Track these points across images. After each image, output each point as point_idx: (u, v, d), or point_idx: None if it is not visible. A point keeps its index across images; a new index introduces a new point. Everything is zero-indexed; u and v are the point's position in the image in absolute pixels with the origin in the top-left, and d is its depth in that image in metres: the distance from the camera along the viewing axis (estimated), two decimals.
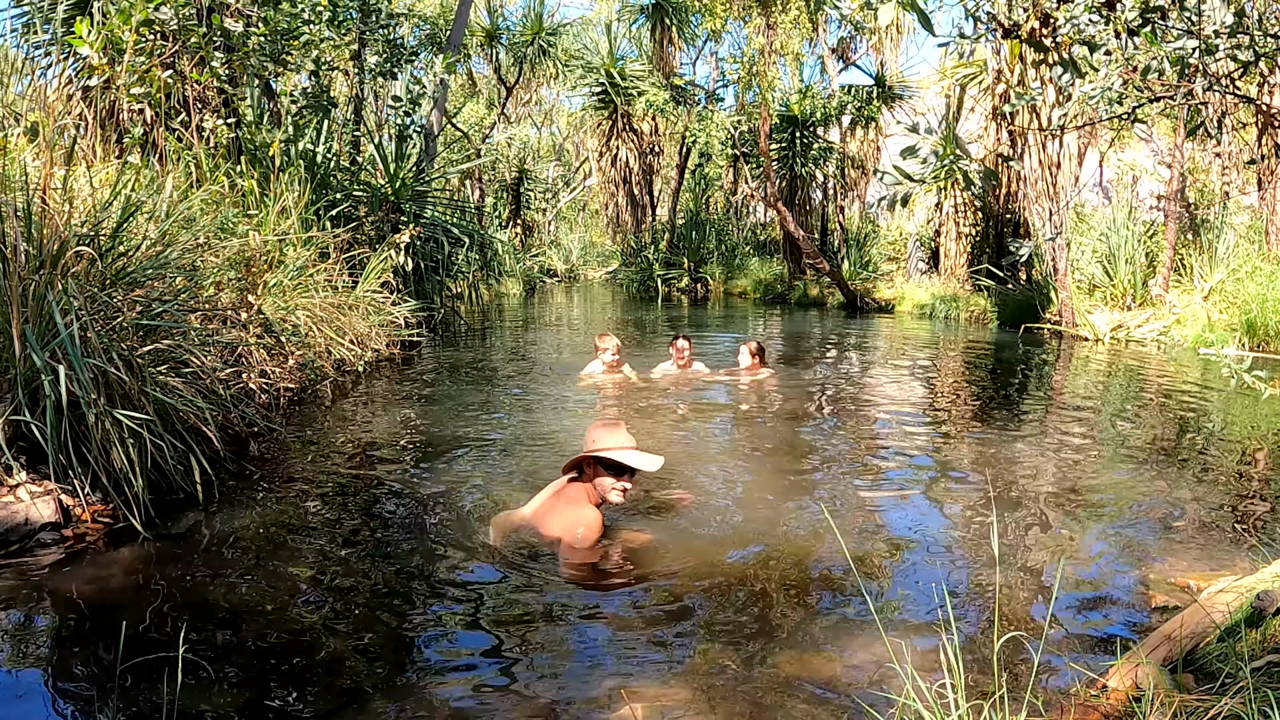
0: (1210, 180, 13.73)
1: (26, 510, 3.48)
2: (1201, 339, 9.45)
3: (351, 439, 5.42)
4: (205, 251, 5.65)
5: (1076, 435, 5.70)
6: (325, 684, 2.51)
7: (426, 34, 20.95)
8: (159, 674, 2.42)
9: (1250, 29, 4.55)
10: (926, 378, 8.51)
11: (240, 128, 8.04)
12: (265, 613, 2.93)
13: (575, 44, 23.88)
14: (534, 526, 3.56)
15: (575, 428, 5.55)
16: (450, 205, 12.27)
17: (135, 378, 3.83)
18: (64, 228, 4.02)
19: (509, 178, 25.58)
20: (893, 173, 15.48)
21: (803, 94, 18.41)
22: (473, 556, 3.49)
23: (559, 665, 2.61)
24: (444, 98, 12.13)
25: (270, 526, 3.75)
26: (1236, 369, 3.48)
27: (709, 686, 2.47)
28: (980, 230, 14.57)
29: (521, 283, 19.98)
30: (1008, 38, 10.03)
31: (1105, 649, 2.68)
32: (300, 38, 8.58)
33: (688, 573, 3.30)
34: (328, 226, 8.19)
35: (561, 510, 3.52)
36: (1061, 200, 10.96)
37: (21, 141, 5.27)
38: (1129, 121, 6.56)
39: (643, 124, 22.06)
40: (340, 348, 6.97)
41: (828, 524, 3.74)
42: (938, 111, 17.28)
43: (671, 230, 22.09)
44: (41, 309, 3.75)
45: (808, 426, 5.97)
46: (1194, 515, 3.99)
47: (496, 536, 3.57)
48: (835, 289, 16.13)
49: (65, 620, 2.92)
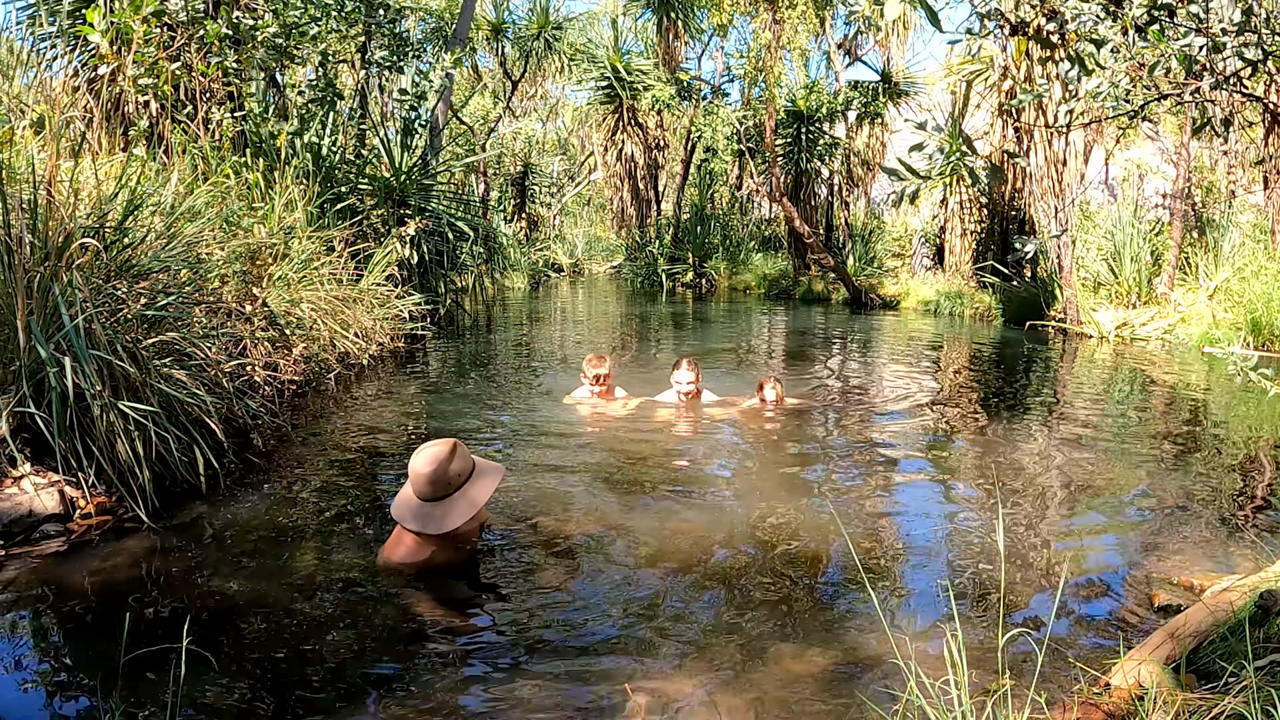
0: (1216, 178, 13.67)
1: (31, 502, 3.49)
2: (1206, 338, 9.42)
3: (355, 432, 5.42)
4: (210, 244, 5.66)
5: (1081, 433, 5.69)
6: (329, 675, 2.51)
7: (432, 28, 20.92)
8: (163, 665, 2.43)
9: (1258, 27, 4.52)
10: (931, 375, 8.50)
11: (246, 120, 8.04)
12: (269, 604, 2.93)
13: (581, 38, 23.83)
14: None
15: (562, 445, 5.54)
16: (455, 199, 12.27)
17: (140, 370, 3.84)
18: (69, 220, 4.02)
19: (514, 172, 25.56)
20: (899, 168, 15.44)
21: (809, 89, 18.36)
22: (476, 550, 3.49)
23: (563, 660, 2.61)
24: (449, 91, 12.12)
25: (274, 518, 3.76)
26: (1242, 367, 3.47)
27: (713, 682, 2.47)
28: (985, 227, 14.53)
29: (526, 277, 19.98)
30: (1014, 34, 9.99)
31: (1108, 647, 2.68)
32: (307, 33, 8.58)
33: (692, 568, 3.30)
34: (333, 219, 8.19)
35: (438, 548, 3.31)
36: (1067, 197, 10.93)
37: (28, 134, 5.28)
38: (1136, 119, 6.54)
39: (648, 118, 22.00)
40: (345, 341, 6.98)
41: (832, 520, 3.74)
42: (944, 108, 17.22)
43: (676, 225, 22.06)
44: (47, 301, 3.76)
45: (812, 423, 5.96)
46: (1198, 514, 3.98)
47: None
48: (840, 285, 16.10)
49: (69, 612, 2.93)
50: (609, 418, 5.86)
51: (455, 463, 3.25)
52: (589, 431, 5.57)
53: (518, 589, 3.14)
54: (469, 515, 3.23)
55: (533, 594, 3.09)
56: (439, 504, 3.22)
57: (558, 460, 4.84)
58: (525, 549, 3.49)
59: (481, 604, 3.06)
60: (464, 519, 3.22)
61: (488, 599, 3.10)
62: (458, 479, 3.25)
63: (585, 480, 4.46)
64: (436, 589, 3.14)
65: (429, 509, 3.21)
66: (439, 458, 3.22)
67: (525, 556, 3.42)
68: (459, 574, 3.30)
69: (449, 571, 3.28)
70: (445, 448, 3.26)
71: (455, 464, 3.24)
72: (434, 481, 3.20)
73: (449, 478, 3.22)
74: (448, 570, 3.28)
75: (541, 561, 3.36)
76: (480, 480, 3.32)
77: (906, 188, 15.41)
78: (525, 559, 3.40)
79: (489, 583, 3.25)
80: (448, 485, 3.22)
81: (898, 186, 15.63)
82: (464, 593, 3.15)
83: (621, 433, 5.52)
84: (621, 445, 5.19)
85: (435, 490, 3.21)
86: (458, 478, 3.25)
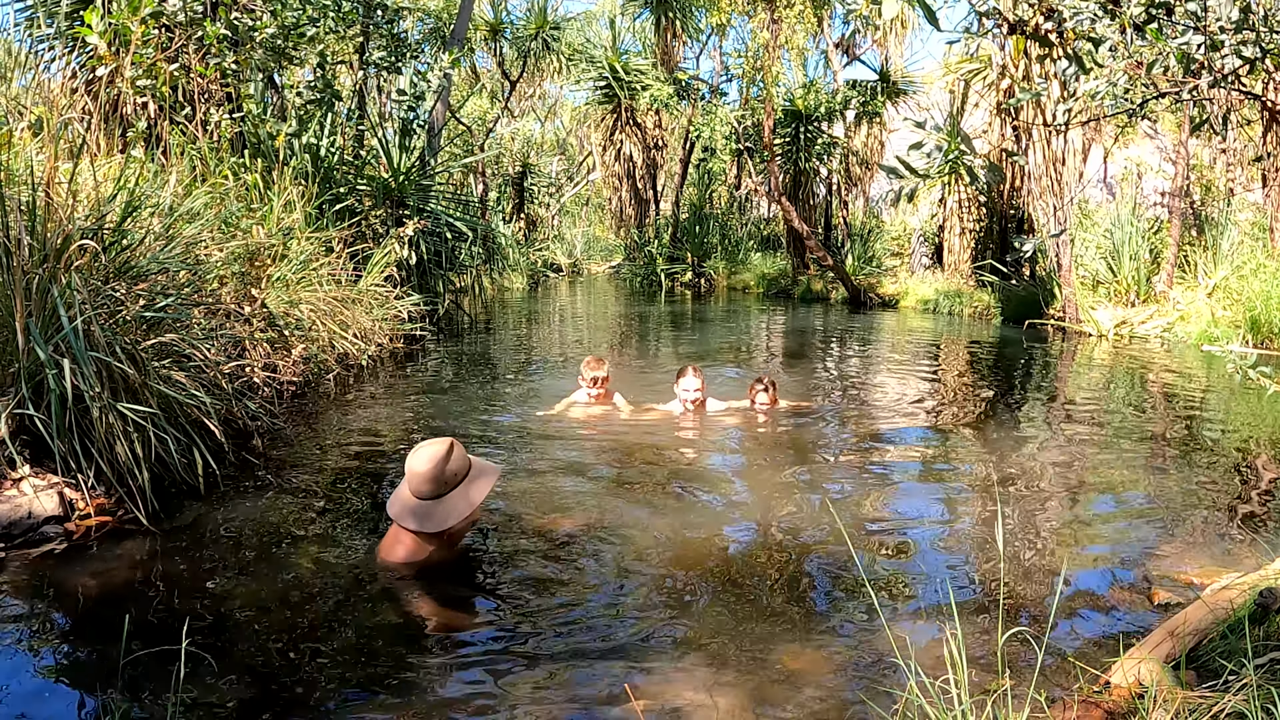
0: (1215, 177, 13.68)
1: (30, 504, 3.49)
2: (1205, 336, 9.43)
3: (355, 432, 5.42)
4: (209, 245, 5.66)
5: (1080, 431, 5.69)
6: (328, 676, 2.51)
7: (430, 28, 20.92)
8: (162, 667, 2.42)
9: (1256, 25, 4.53)
10: (930, 373, 8.50)
11: (245, 122, 8.04)
12: (269, 606, 2.93)
13: (579, 38, 23.83)
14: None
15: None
16: (454, 199, 12.26)
17: (139, 371, 3.84)
18: (68, 222, 4.02)
19: (513, 172, 25.55)
20: (897, 167, 15.45)
21: (807, 88, 18.36)
22: (474, 551, 3.50)
23: (563, 660, 2.61)
24: (447, 92, 12.12)
25: (273, 519, 3.76)
26: (1241, 365, 3.48)
27: (712, 682, 2.47)
28: (984, 226, 14.54)
29: (525, 277, 19.97)
30: (1013, 33, 9.99)
31: (1108, 645, 2.68)
32: (305, 34, 8.58)
33: (690, 568, 3.30)
34: (331, 220, 8.18)
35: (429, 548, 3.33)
36: (1066, 196, 10.93)
37: (26, 135, 5.27)
38: (1134, 117, 6.55)
39: (646, 118, 21.99)
40: (344, 341, 6.98)
41: (831, 519, 3.74)
42: (942, 107, 17.24)
43: (675, 225, 22.06)
44: (46, 303, 3.76)
45: (810, 421, 5.96)
46: (1197, 512, 3.98)
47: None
48: (839, 284, 16.10)
49: (68, 613, 2.92)
50: (607, 420, 5.86)
51: (452, 461, 3.26)
52: (588, 433, 5.57)
53: (518, 590, 3.14)
54: (467, 513, 3.25)
55: (533, 594, 3.09)
56: (437, 502, 3.23)
57: (557, 461, 4.84)
58: (525, 550, 3.49)
59: (481, 605, 3.06)
60: (461, 517, 3.24)
61: (488, 600, 3.10)
62: (455, 478, 3.27)
63: (584, 481, 4.46)
64: (436, 589, 3.14)
65: (427, 507, 3.22)
66: (436, 456, 3.24)
67: (525, 557, 3.42)
68: (459, 575, 3.30)
69: (449, 572, 3.28)
70: (443, 446, 3.28)
71: (453, 463, 3.26)
72: (432, 480, 3.21)
73: (446, 476, 3.23)
74: (447, 571, 3.28)
75: (541, 562, 3.37)
76: (477, 479, 3.34)
77: (905, 187, 15.43)
78: (525, 560, 3.40)
79: (489, 584, 3.25)
80: (445, 484, 3.23)
81: (896, 185, 15.66)
82: (464, 593, 3.15)
83: (621, 434, 5.52)
84: (620, 446, 5.19)
85: (433, 489, 3.22)
86: (455, 476, 3.26)
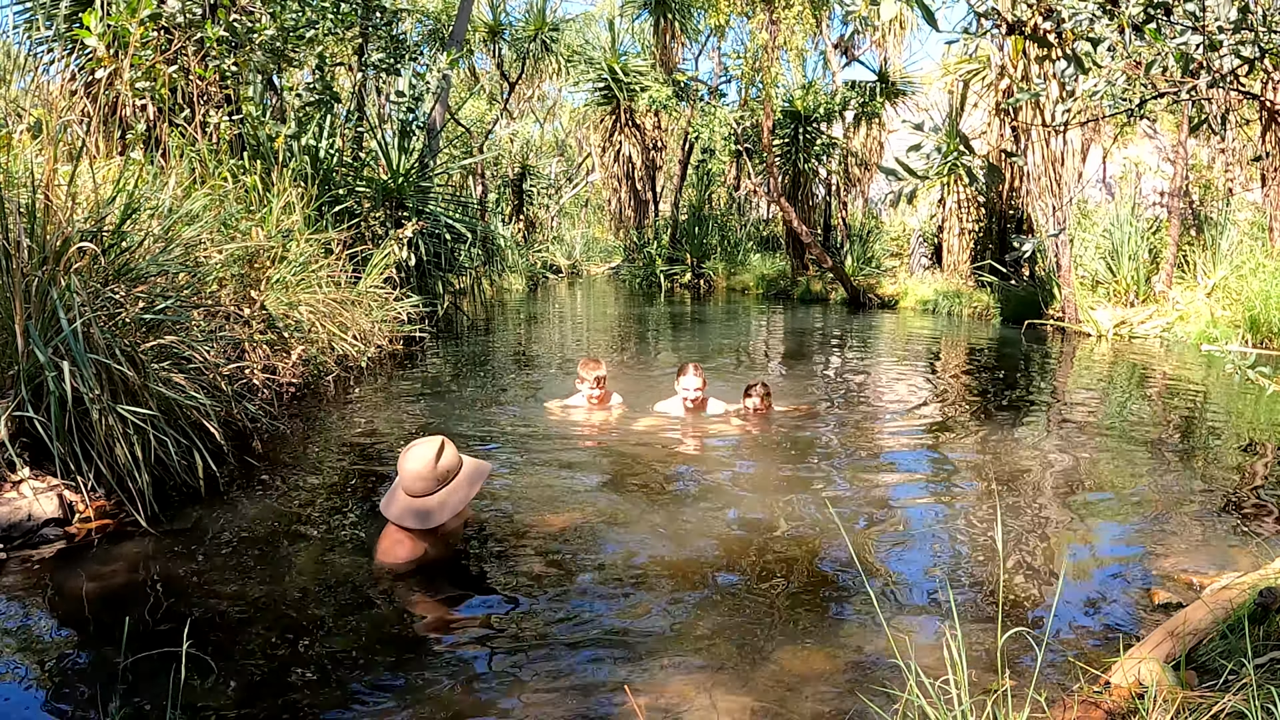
0: (1214, 176, 13.69)
1: (29, 506, 3.49)
2: (1204, 335, 9.43)
3: (354, 434, 5.42)
4: (208, 247, 5.66)
5: (1079, 432, 5.69)
6: (328, 678, 2.51)
7: (429, 30, 20.93)
8: (162, 669, 2.42)
9: (1254, 25, 4.53)
10: (929, 374, 8.50)
11: (244, 123, 8.04)
12: (268, 608, 2.93)
13: (578, 39, 23.84)
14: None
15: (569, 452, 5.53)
16: (453, 201, 12.26)
17: (138, 373, 3.84)
18: (67, 224, 4.02)
19: (512, 173, 25.54)
20: (896, 168, 15.45)
21: (806, 89, 18.35)
22: (474, 552, 3.50)
23: (562, 660, 2.61)
24: (446, 93, 12.12)
25: (273, 521, 3.76)
26: (1240, 365, 3.48)
27: (712, 682, 2.47)
28: (983, 226, 14.54)
29: (524, 278, 19.97)
30: (1011, 33, 10.00)
31: (1108, 645, 2.68)
32: (304, 35, 8.58)
33: (691, 569, 3.30)
34: (330, 222, 8.18)
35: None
36: (1065, 196, 10.93)
37: (25, 138, 5.27)
38: (1133, 117, 6.56)
39: (645, 119, 22.00)
40: (343, 343, 6.98)
41: (831, 519, 3.74)
42: (941, 107, 17.23)
43: (674, 226, 22.06)
44: (45, 305, 3.76)
45: (809, 423, 5.96)
46: (1197, 512, 3.98)
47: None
48: (838, 285, 16.10)
49: (69, 615, 2.92)
50: (606, 421, 5.85)
51: (444, 459, 3.33)
52: (587, 434, 5.57)
53: (517, 590, 3.14)
54: (460, 509, 3.34)
55: (532, 595, 3.09)
56: (431, 499, 3.29)
57: (556, 462, 4.84)
58: (524, 550, 3.49)
59: (480, 605, 3.06)
60: (454, 513, 3.32)
61: (487, 600, 3.10)
62: (447, 475, 3.33)
63: (583, 481, 4.46)
64: (436, 590, 3.14)
65: (421, 504, 3.29)
66: (428, 455, 3.30)
67: (524, 557, 3.42)
68: (458, 575, 3.30)
69: (448, 573, 3.28)
70: (434, 445, 3.34)
71: (444, 460, 3.33)
72: (425, 478, 3.27)
73: (439, 474, 3.30)
74: (447, 571, 3.29)
75: (540, 562, 3.37)
76: (469, 475, 3.42)
77: (904, 187, 15.42)
78: (524, 560, 3.40)
79: (488, 584, 3.25)
80: (438, 481, 3.30)
81: (895, 186, 15.64)
82: (463, 594, 3.15)
83: (619, 434, 5.52)
84: (619, 447, 5.19)
85: (427, 486, 3.28)
86: (447, 474, 3.33)
